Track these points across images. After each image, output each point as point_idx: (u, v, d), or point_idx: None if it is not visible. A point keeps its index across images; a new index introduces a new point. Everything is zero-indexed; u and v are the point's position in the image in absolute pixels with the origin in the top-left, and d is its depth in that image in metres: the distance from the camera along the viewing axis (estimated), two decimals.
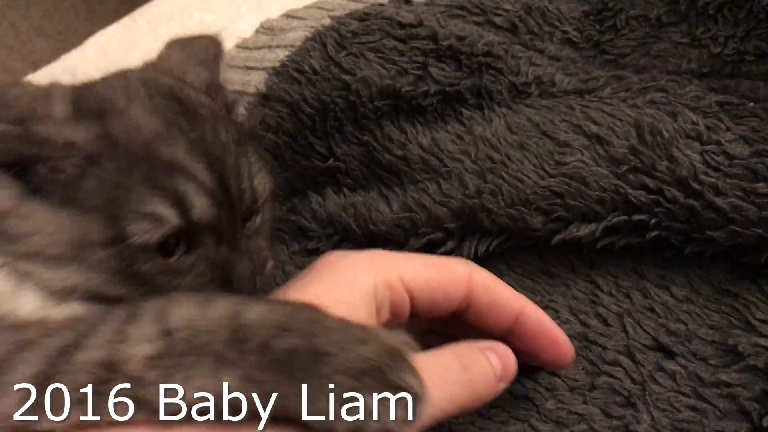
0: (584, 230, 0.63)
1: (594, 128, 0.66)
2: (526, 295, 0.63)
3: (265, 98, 0.76)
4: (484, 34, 0.75)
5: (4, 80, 1.14)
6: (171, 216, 0.46)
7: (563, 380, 0.58)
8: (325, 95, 0.73)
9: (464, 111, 0.73)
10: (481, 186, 0.64)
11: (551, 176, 0.63)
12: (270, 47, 0.83)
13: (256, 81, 0.79)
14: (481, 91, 0.73)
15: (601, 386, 0.57)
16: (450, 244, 0.64)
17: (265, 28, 0.90)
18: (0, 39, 2.42)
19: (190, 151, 0.48)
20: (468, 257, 0.64)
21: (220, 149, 0.49)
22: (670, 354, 0.57)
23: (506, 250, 0.66)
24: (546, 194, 0.63)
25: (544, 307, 0.62)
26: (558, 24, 0.79)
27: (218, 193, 0.48)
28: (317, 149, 0.74)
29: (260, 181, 0.54)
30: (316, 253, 0.72)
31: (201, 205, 0.47)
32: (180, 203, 0.47)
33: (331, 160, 0.73)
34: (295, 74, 0.75)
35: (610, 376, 0.57)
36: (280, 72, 0.77)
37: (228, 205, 0.49)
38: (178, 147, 0.48)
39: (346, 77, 0.72)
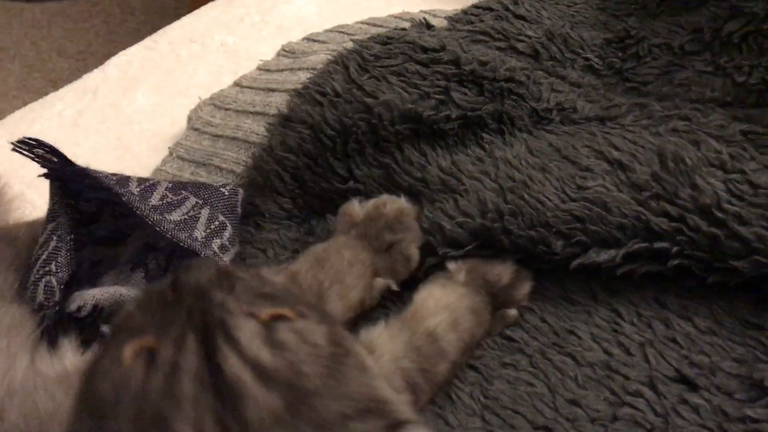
0: (604, 256, 0.62)
1: (616, 154, 0.66)
2: (549, 320, 0.63)
3: (286, 120, 0.76)
4: (506, 59, 0.76)
5: (25, 98, 1.15)
6: None
7: (584, 410, 0.57)
8: (346, 117, 0.72)
9: (485, 135, 0.73)
10: (501, 206, 0.63)
11: (572, 200, 0.63)
12: (292, 70, 0.83)
13: (278, 102, 0.79)
14: (502, 116, 0.73)
15: (623, 417, 0.56)
16: None
17: (287, 51, 0.90)
18: (22, 58, 2.45)
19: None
20: None
21: None
22: (693, 386, 0.56)
23: None
24: (567, 218, 0.62)
25: (567, 332, 0.61)
26: (580, 51, 0.79)
27: None
28: (337, 171, 0.73)
29: None
30: None
31: None
32: None
33: (350, 182, 0.73)
34: (317, 96, 0.75)
35: (633, 407, 0.56)
36: (302, 94, 0.77)
37: None
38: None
39: (368, 100, 0.72)
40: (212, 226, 0.71)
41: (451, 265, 0.64)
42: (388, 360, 0.57)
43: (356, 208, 0.68)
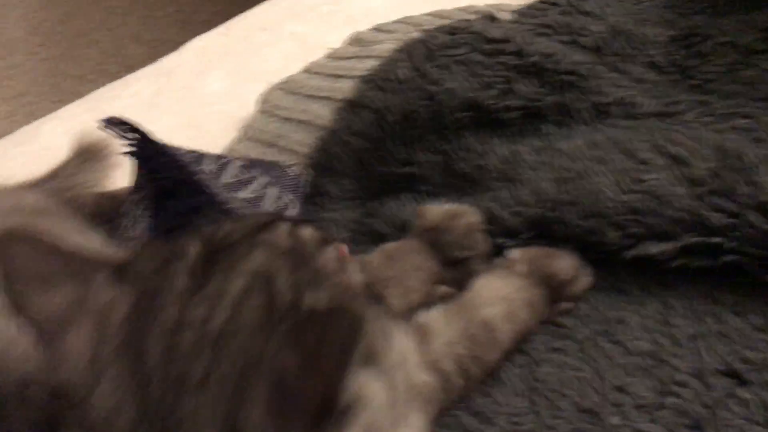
0: (659, 248, 0.63)
1: (675, 149, 0.66)
2: (600, 309, 0.64)
3: (352, 105, 0.79)
4: (569, 53, 0.77)
5: (101, 82, 1.21)
6: None
7: (631, 397, 0.58)
8: (410, 104, 0.75)
9: (544, 127, 0.74)
10: (558, 196, 0.65)
11: (630, 192, 0.64)
12: (359, 57, 0.86)
13: (345, 88, 0.82)
14: (562, 109, 0.74)
15: (669, 406, 0.56)
16: None
17: (355, 40, 0.93)
18: (99, 44, 2.54)
19: None
20: None
21: None
22: (743, 381, 0.56)
23: None
24: (623, 209, 0.63)
25: (617, 322, 0.62)
26: (643, 48, 0.79)
27: None
28: (398, 156, 0.76)
29: None
30: None
31: None
32: None
33: (409, 167, 0.75)
34: (382, 83, 0.77)
35: (679, 397, 0.57)
36: (368, 80, 0.79)
37: None
38: None
39: (432, 88, 0.74)
40: (278, 205, 0.75)
41: (513, 255, 0.64)
42: (442, 344, 0.59)
43: (432, 212, 0.67)
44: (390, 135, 0.76)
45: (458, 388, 0.59)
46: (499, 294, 0.62)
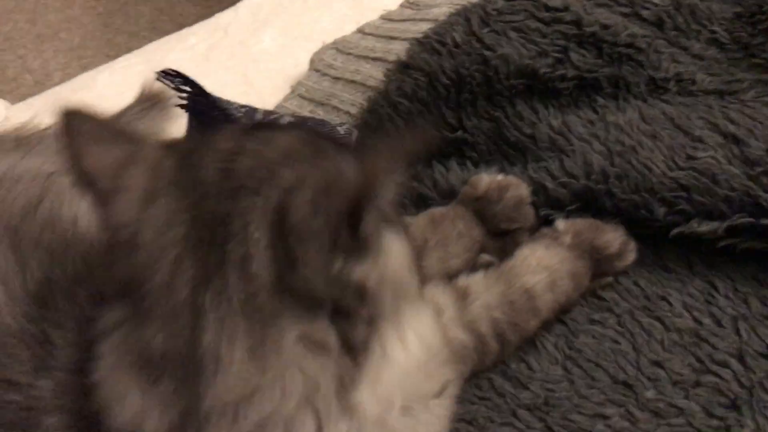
0: (706, 227, 0.62)
1: (731, 128, 0.65)
2: (641, 284, 0.63)
3: (404, 66, 0.79)
4: (629, 25, 0.75)
5: (154, 38, 1.22)
6: None
7: (667, 372, 0.57)
8: (463, 68, 0.74)
9: (598, 99, 0.73)
10: (607, 168, 0.64)
11: (680, 169, 0.63)
12: (414, 20, 0.86)
13: (398, 50, 0.82)
14: (618, 82, 0.73)
15: (706, 384, 0.56)
16: None
17: (411, 3, 0.93)
18: (152, 1, 2.57)
19: None
20: None
21: None
22: None
23: None
24: (672, 186, 0.62)
25: (658, 298, 0.62)
26: (707, 23, 0.77)
27: None
28: (448, 120, 0.76)
29: None
30: None
31: None
32: None
33: (459, 132, 0.75)
34: (437, 46, 0.77)
35: (717, 376, 0.56)
36: (422, 42, 0.79)
37: None
38: None
39: (487, 53, 0.74)
40: None
41: (560, 225, 0.64)
42: (479, 306, 0.59)
43: (482, 182, 0.67)
44: (441, 99, 0.75)
45: (493, 353, 0.59)
46: (543, 263, 0.62)
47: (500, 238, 0.66)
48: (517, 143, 0.72)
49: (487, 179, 0.67)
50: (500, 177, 0.68)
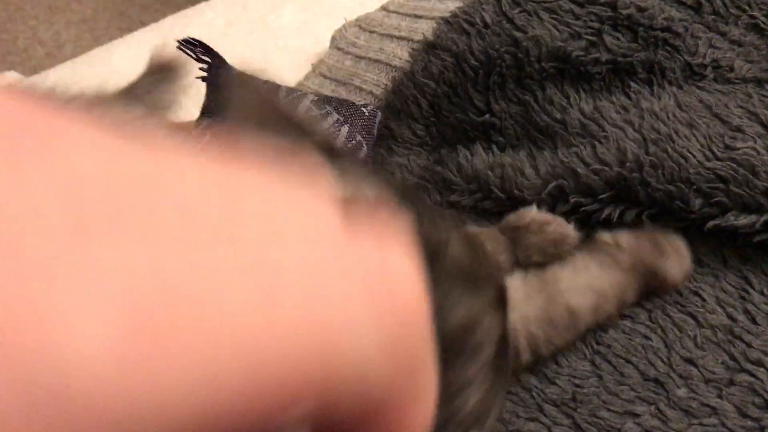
0: (743, 220, 0.59)
1: None
2: None
3: (431, 46, 0.77)
4: (666, 8, 0.72)
5: (166, 12, 1.20)
6: None
7: (699, 370, 0.56)
8: (492, 49, 0.72)
9: (632, 84, 0.70)
10: (641, 157, 0.62)
11: (718, 159, 0.60)
12: None
13: (424, 29, 0.79)
14: (653, 67, 0.71)
15: (740, 383, 0.54)
16: (601, 211, 0.63)
17: None
18: None
19: None
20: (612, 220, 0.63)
21: None
22: None
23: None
24: (709, 176, 0.60)
25: (691, 293, 0.60)
26: (747, 8, 0.74)
27: None
28: (475, 103, 0.73)
29: None
30: (456, 206, 0.72)
31: None
32: None
33: (487, 116, 0.73)
34: (466, 25, 0.75)
35: (752, 375, 0.54)
36: (450, 22, 0.77)
37: None
38: None
39: (517, 34, 0.71)
40: (349, 145, 0.73)
41: (621, 239, 0.60)
42: (517, 319, 0.56)
43: (530, 214, 0.63)
44: (469, 81, 0.73)
45: (525, 363, 0.57)
46: (593, 284, 0.58)
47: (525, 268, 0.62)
48: (546, 128, 0.70)
49: (535, 212, 0.64)
50: (550, 215, 0.63)
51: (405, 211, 0.21)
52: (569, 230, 0.62)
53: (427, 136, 0.77)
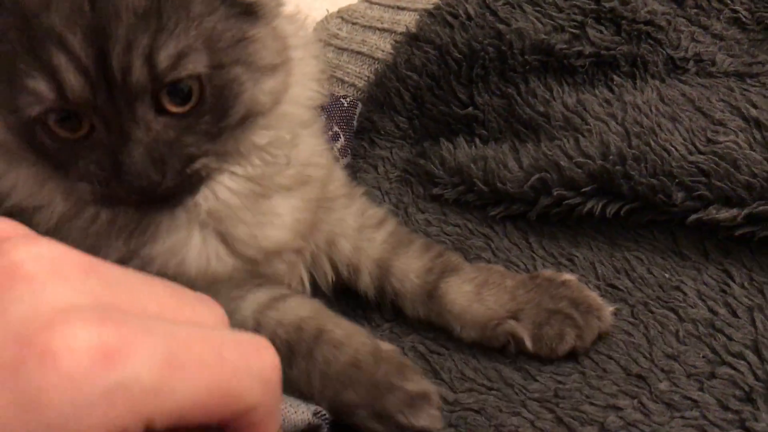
0: (725, 214, 0.60)
1: (754, 112, 0.63)
2: (656, 272, 0.61)
3: (414, 38, 0.76)
4: (649, 1, 0.72)
5: None
6: (46, 92, 0.43)
7: (681, 365, 0.56)
8: (476, 42, 0.71)
9: (615, 77, 0.70)
10: (624, 150, 0.62)
11: (700, 153, 0.60)
12: None
13: (407, 21, 0.79)
14: (636, 60, 0.71)
15: (721, 376, 0.54)
16: (584, 204, 0.63)
17: None
18: None
19: (69, 17, 0.42)
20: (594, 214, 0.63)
21: (106, 16, 0.42)
22: None
23: (636, 226, 0.65)
24: (692, 170, 0.60)
25: (672, 287, 0.60)
26: (728, 2, 0.75)
27: (94, 70, 0.42)
28: (458, 95, 0.73)
29: (170, 56, 0.43)
30: (439, 199, 0.72)
31: (72, 82, 0.42)
32: (54, 78, 0.42)
33: (470, 108, 0.72)
34: (449, 18, 0.74)
35: (733, 368, 0.54)
36: (433, 14, 0.76)
37: (108, 84, 0.43)
38: (57, 13, 0.42)
39: (501, 26, 0.71)
40: (327, 134, 0.73)
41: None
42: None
43: (548, 273, 0.61)
44: (452, 73, 0.73)
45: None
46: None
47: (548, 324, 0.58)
48: (529, 121, 0.69)
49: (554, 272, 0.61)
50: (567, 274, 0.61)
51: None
52: (600, 301, 0.59)
53: (410, 128, 0.76)
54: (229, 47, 0.45)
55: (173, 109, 0.44)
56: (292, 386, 0.52)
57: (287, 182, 0.56)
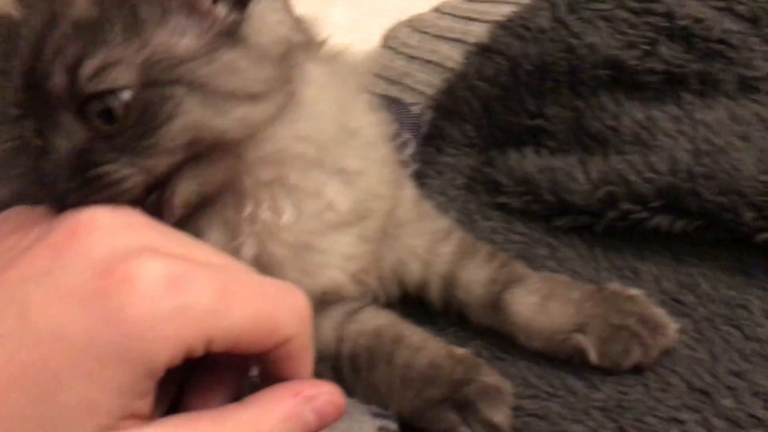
0: None
1: None
2: (721, 290, 0.62)
3: (485, 49, 0.77)
4: (722, 20, 0.73)
5: None
6: None
7: (746, 382, 0.56)
8: (548, 55, 0.73)
9: (685, 95, 0.71)
10: (693, 167, 0.62)
11: None
12: (494, 2, 0.84)
13: (477, 32, 0.80)
14: (706, 78, 0.71)
15: None
16: (651, 219, 0.64)
17: None
18: None
19: (30, 26, 0.45)
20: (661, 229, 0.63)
21: (47, 25, 0.44)
22: None
23: (702, 243, 0.65)
24: (763, 190, 0.60)
25: (737, 305, 0.60)
26: None
27: (29, 76, 0.44)
28: (528, 106, 0.74)
29: (94, 68, 0.43)
30: (504, 208, 0.73)
31: (15, 85, 0.45)
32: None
33: (539, 120, 0.74)
34: (521, 30, 0.75)
35: None
36: (505, 26, 0.77)
37: (34, 88, 0.44)
38: (26, 25, 0.45)
39: (573, 41, 0.72)
40: (396, 142, 0.74)
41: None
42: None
43: (615, 286, 0.60)
44: (522, 85, 0.74)
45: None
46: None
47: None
48: (597, 134, 0.70)
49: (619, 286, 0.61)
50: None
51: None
52: (666, 319, 0.59)
53: (478, 137, 0.78)
54: (175, 65, 0.43)
55: (97, 123, 0.43)
56: (372, 391, 0.54)
57: (338, 219, 0.55)
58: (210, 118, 0.44)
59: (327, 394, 0.40)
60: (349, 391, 0.56)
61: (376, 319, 0.58)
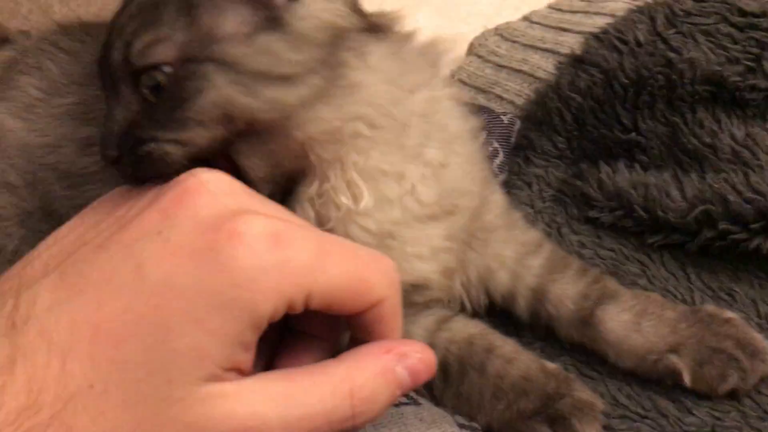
0: None
1: None
2: None
3: (579, 61, 0.77)
4: None
5: None
6: None
7: None
8: (645, 69, 0.71)
9: None
10: None
11: None
12: (587, 13, 0.83)
13: (570, 43, 0.79)
14: None
15: None
16: (750, 241, 0.62)
17: None
18: None
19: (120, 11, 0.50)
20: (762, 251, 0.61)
21: (125, 9, 0.49)
22: None
23: None
24: None
25: None
26: None
27: (101, 48, 0.49)
28: (622, 120, 0.73)
29: (143, 44, 0.47)
30: (594, 222, 0.72)
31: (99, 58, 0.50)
32: None
33: (633, 134, 0.72)
34: (617, 43, 0.74)
35: None
36: (600, 38, 0.76)
37: (104, 61, 0.49)
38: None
39: (672, 55, 0.70)
40: (487, 151, 0.74)
41: None
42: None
43: (711, 308, 0.59)
44: (617, 98, 0.73)
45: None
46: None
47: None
48: (694, 151, 0.69)
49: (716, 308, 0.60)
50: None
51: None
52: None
53: (568, 149, 0.77)
54: (212, 44, 0.46)
55: (148, 96, 0.47)
56: (461, 400, 0.54)
57: (423, 211, 0.54)
58: (238, 96, 0.46)
59: (419, 352, 0.41)
60: (437, 400, 0.57)
61: (468, 328, 0.58)
